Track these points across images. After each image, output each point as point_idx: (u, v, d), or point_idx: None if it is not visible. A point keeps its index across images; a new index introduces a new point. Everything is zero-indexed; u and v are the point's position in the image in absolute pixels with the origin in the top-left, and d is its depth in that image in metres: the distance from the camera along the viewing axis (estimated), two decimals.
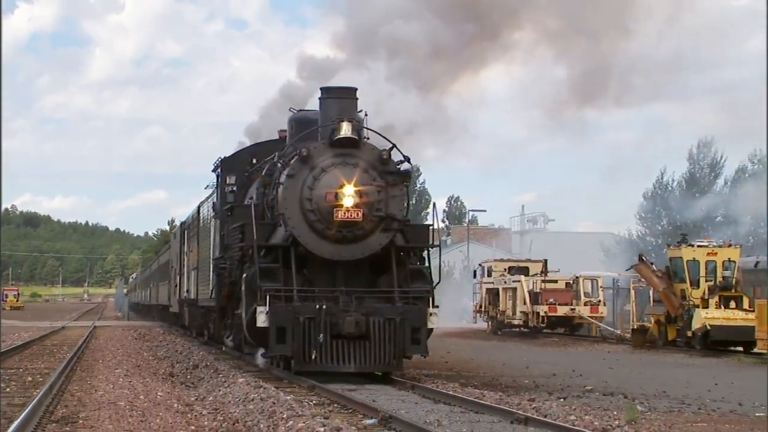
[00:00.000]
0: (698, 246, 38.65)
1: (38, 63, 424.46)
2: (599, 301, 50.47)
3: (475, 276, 57.72)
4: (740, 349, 35.50)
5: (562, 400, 18.44)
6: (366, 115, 22.51)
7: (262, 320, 20.50)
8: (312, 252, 21.32)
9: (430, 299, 21.58)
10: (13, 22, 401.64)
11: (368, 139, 22.11)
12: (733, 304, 36.45)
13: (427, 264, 22.38)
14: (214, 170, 28.43)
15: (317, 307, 20.40)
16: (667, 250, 39.85)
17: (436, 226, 23.13)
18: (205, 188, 31.94)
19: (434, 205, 23.05)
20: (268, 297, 20.58)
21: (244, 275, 21.98)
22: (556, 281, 49.32)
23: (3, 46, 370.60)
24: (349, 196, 20.96)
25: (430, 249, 22.43)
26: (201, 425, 14.35)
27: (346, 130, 21.16)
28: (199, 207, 33.90)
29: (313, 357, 20.17)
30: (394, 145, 21.73)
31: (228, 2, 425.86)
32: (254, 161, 26.34)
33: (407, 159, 21.84)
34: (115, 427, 13.50)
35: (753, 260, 43.55)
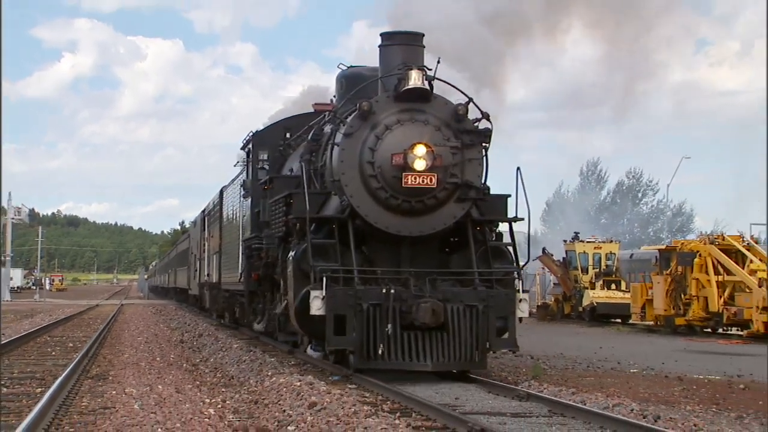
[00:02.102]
0: (587, 242, 38.98)
1: (79, 100, 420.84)
2: None
3: None
4: (619, 320, 35.79)
5: None
6: (438, 62, 14.25)
7: (317, 307, 13.39)
8: (374, 225, 14.10)
9: (519, 283, 14.26)
10: (60, 68, 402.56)
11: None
12: (613, 286, 36.80)
13: (509, 240, 15.03)
14: (243, 147, 21.01)
15: (384, 291, 13.45)
16: (563, 245, 40.09)
17: (522, 196, 14.66)
18: (234, 165, 23.31)
19: (518, 169, 14.43)
20: (324, 279, 13.48)
21: (291, 253, 14.46)
22: None
23: (53, 87, 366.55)
24: (420, 159, 13.74)
25: (513, 222, 14.90)
26: (204, 380, 14.22)
27: (415, 79, 13.90)
28: (221, 191, 26.62)
29: (380, 352, 13.29)
30: (471, 99, 14.40)
31: (227, 52, 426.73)
32: (288, 135, 19.18)
33: (486, 116, 14.39)
34: (137, 382, 13.34)
35: (629, 252, 43.94)
